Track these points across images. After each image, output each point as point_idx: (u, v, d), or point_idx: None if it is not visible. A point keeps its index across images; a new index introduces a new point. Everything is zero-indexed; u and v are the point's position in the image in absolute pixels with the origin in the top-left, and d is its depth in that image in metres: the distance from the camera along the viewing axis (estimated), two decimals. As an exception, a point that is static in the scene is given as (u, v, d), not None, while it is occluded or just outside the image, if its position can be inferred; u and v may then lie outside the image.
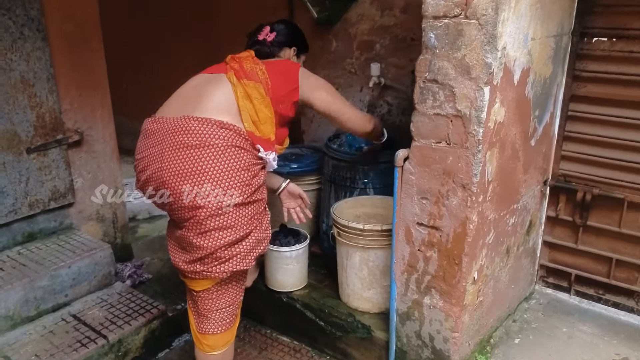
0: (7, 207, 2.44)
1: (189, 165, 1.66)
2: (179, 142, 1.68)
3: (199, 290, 1.83)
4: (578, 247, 2.40)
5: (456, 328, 1.93)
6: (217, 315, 1.87)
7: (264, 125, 1.79)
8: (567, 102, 2.27)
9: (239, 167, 1.70)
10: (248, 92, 1.80)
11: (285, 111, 1.92)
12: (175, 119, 1.72)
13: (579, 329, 2.29)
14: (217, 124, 1.70)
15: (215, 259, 1.71)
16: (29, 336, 2.21)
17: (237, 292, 1.89)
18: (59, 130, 2.57)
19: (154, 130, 1.75)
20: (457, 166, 1.78)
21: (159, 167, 1.70)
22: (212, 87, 1.81)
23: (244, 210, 1.72)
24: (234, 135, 1.71)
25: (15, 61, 2.34)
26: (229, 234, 1.69)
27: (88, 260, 2.48)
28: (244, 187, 1.70)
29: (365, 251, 2.22)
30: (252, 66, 1.88)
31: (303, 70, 2.01)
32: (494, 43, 1.61)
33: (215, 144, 1.68)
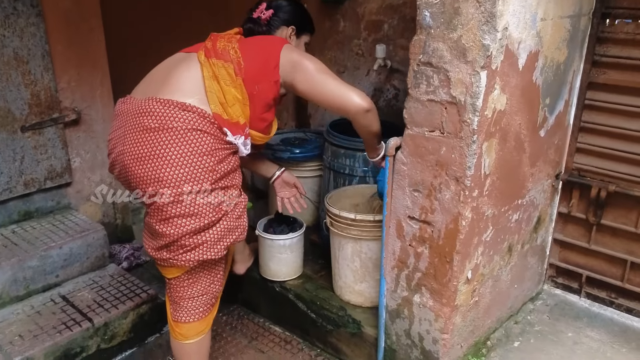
0: (1, 185, 2.42)
1: (148, 148, 1.58)
2: (139, 125, 1.61)
3: (170, 278, 1.78)
4: (591, 247, 2.23)
5: (446, 329, 1.82)
6: (189, 304, 1.80)
7: (232, 107, 1.67)
8: (585, 89, 2.08)
9: (201, 151, 1.59)
10: (215, 73, 1.67)
11: (265, 92, 1.74)
12: (141, 100, 1.65)
13: (586, 335, 2.14)
14: (179, 105, 1.60)
15: (180, 246, 1.64)
16: (15, 316, 2.20)
17: (210, 281, 1.81)
18: (55, 108, 2.53)
19: (121, 112, 1.69)
20: (450, 157, 1.64)
21: (121, 150, 1.64)
22: (181, 67, 1.71)
23: (208, 198, 1.62)
24: (197, 118, 1.60)
25: (8, 37, 2.30)
26: (191, 222, 1.61)
27: (80, 242, 2.45)
28: (207, 172, 1.60)
29: (358, 242, 2.11)
30: (224, 44, 1.74)
31: (288, 47, 1.78)
32: (492, 23, 1.46)
33: (174, 127, 1.58)
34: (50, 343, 2.06)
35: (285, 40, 1.85)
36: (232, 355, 2.31)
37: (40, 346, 2.04)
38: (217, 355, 2.30)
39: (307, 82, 1.72)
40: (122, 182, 1.74)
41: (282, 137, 2.91)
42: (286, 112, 3.24)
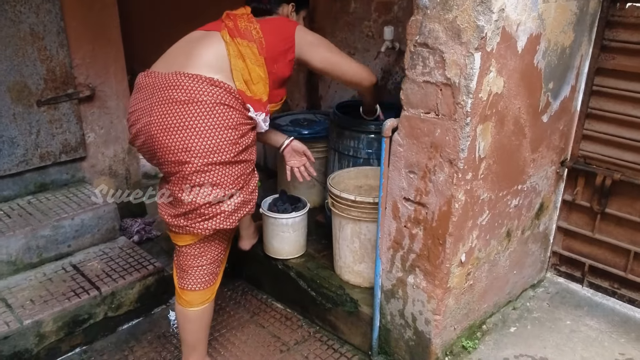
0: (18, 157, 2.52)
1: (177, 120, 1.67)
2: (168, 97, 1.69)
3: (181, 245, 1.85)
4: (594, 236, 2.20)
5: (438, 311, 1.83)
6: (196, 272, 1.88)
7: (256, 85, 1.78)
8: (592, 75, 2.04)
9: (227, 125, 1.69)
10: (241, 51, 1.78)
11: (281, 70, 1.89)
12: (167, 74, 1.72)
13: (585, 324, 2.12)
14: (207, 81, 1.70)
15: (198, 215, 1.73)
16: (28, 282, 2.31)
17: (219, 251, 1.89)
18: (70, 84, 2.60)
19: (145, 85, 1.76)
20: (444, 139, 1.64)
21: (148, 120, 1.72)
22: (205, 44, 1.79)
23: (230, 169, 1.72)
24: (224, 93, 1.70)
25: (24, 13, 2.37)
26: (213, 192, 1.70)
27: (92, 214, 2.54)
28: (231, 145, 1.70)
29: (357, 223, 2.13)
30: (246, 25, 1.85)
31: (300, 27, 1.96)
32: (487, 4, 1.44)
33: (203, 101, 1.67)
34: (59, 308, 2.15)
35: (296, 23, 1.99)
36: (234, 329, 2.38)
37: (50, 311, 2.13)
38: (220, 328, 2.37)
39: (325, 61, 1.98)
40: (145, 152, 1.81)
41: (291, 118, 2.93)
42: (298, 93, 3.26)
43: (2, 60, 2.35)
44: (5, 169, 2.50)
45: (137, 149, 1.86)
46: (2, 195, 2.56)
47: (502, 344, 2.03)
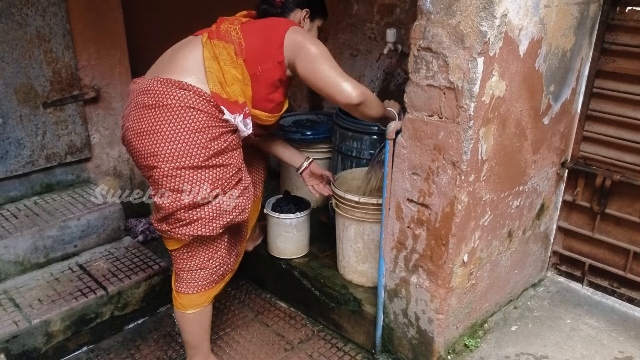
0: (24, 158, 2.55)
1: (146, 124, 1.68)
2: (139, 102, 1.71)
3: (170, 249, 1.88)
4: (594, 236, 2.23)
5: (441, 310, 1.86)
6: (187, 276, 1.89)
7: (230, 87, 1.73)
8: (593, 77, 2.07)
9: (194, 128, 1.65)
10: (215, 53, 1.73)
11: (269, 73, 1.78)
12: (147, 80, 1.75)
13: (584, 322, 2.16)
14: (176, 84, 1.68)
15: (176, 220, 1.73)
16: (36, 282, 2.34)
17: (208, 258, 1.87)
18: (75, 86, 2.63)
19: (131, 91, 1.80)
20: (447, 142, 1.67)
21: (126, 126, 1.75)
22: (186, 48, 1.79)
23: (202, 174, 1.69)
24: (192, 96, 1.66)
25: (30, 16, 2.39)
26: (184, 197, 1.68)
27: (97, 214, 2.57)
28: (200, 149, 1.66)
29: (361, 224, 2.16)
30: (227, 26, 1.81)
31: (295, 28, 1.80)
32: (490, 9, 1.47)
33: (168, 104, 1.66)
34: (66, 308, 2.18)
35: (293, 23, 1.87)
36: (239, 328, 2.41)
37: (57, 310, 2.16)
38: (225, 327, 2.40)
39: (306, 66, 1.76)
40: (130, 156, 1.84)
41: (294, 119, 2.96)
42: (300, 94, 3.29)
43: (9, 62, 2.38)
44: (12, 170, 2.52)
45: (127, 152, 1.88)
46: (9, 196, 2.58)
47: (503, 342, 2.06)
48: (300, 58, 1.75)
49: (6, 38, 2.35)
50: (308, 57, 1.74)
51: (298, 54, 1.75)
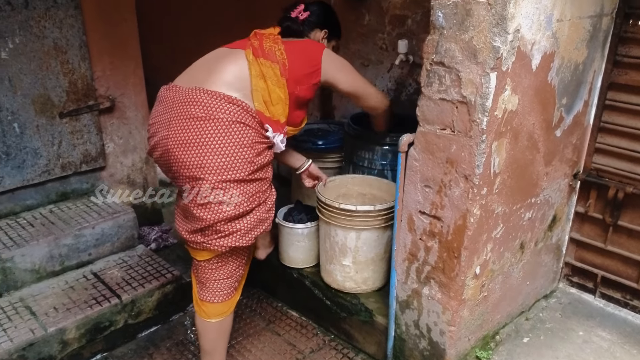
0: (40, 167, 2.59)
1: (193, 136, 1.69)
2: (186, 113, 1.71)
3: (200, 260, 1.89)
4: (607, 248, 2.23)
5: (453, 322, 1.87)
6: (215, 285, 1.92)
7: (275, 106, 1.79)
8: (605, 90, 2.07)
9: (242, 143, 1.70)
10: (263, 72, 1.80)
11: (303, 93, 1.90)
12: (187, 89, 1.75)
13: (597, 334, 2.15)
14: (225, 98, 1.71)
15: (215, 231, 1.75)
16: (51, 289, 2.37)
17: (236, 266, 1.93)
18: (91, 96, 2.67)
19: (166, 98, 1.79)
20: (460, 155, 1.68)
21: (166, 134, 1.75)
22: (227, 61, 1.81)
23: (244, 187, 1.74)
24: (241, 112, 1.72)
25: (48, 28, 2.44)
26: (228, 209, 1.72)
27: (112, 223, 2.60)
28: (246, 164, 1.71)
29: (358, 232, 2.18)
30: (271, 45, 1.87)
31: (327, 51, 1.98)
32: (503, 25, 1.48)
33: (220, 118, 1.69)
34: (81, 316, 2.22)
35: (323, 46, 2.02)
36: (250, 336, 2.42)
37: (73, 318, 2.20)
38: (237, 336, 2.42)
39: (351, 86, 2.05)
40: (161, 164, 1.85)
41: (305, 128, 2.96)
42: (312, 103, 3.30)
43: (27, 74, 2.43)
44: (28, 178, 2.57)
45: (154, 160, 1.89)
46: (26, 205, 2.63)
47: (515, 354, 2.06)
48: (342, 79, 2.01)
49: (24, 50, 2.39)
50: (349, 78, 2.04)
51: (338, 75, 1.99)
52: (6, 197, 2.57)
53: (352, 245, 2.20)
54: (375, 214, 2.13)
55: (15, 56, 2.38)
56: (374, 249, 2.21)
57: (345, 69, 2.02)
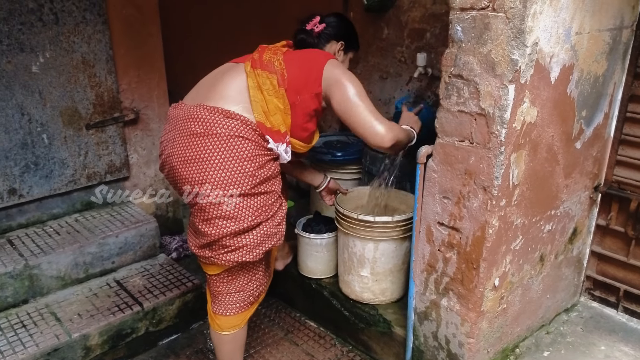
0: (67, 177, 2.67)
1: (194, 152, 1.70)
2: (187, 130, 1.73)
3: (211, 274, 1.91)
4: (629, 261, 2.20)
5: (471, 334, 1.86)
6: (226, 298, 1.93)
7: (273, 116, 1.77)
8: (626, 102, 2.06)
9: (242, 157, 1.69)
10: (259, 83, 1.78)
11: (306, 103, 1.82)
12: (190, 106, 1.77)
13: (619, 349, 2.11)
14: (223, 113, 1.71)
15: (222, 246, 1.76)
16: (75, 296, 2.43)
17: (247, 280, 1.92)
18: (116, 108, 2.75)
19: (173, 116, 1.82)
20: (478, 167, 1.69)
21: (170, 152, 1.77)
22: (228, 76, 1.82)
23: (248, 202, 1.72)
24: (240, 125, 1.70)
25: (77, 43, 2.53)
26: (231, 224, 1.71)
27: (134, 232, 2.66)
28: (247, 177, 1.70)
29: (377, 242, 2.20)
30: (270, 56, 1.85)
31: (334, 62, 1.85)
32: (521, 38, 1.50)
33: (219, 133, 1.69)
34: (104, 323, 2.26)
35: (331, 56, 1.91)
36: (269, 346, 2.44)
37: (96, 325, 2.24)
38: (255, 345, 2.44)
39: (341, 103, 1.78)
40: (170, 181, 1.88)
41: (324, 140, 3.01)
42: (330, 115, 3.34)
43: (56, 87, 2.51)
44: (55, 188, 2.64)
45: (165, 177, 1.91)
46: (52, 213, 2.70)
47: (535, 368, 2.04)
48: (336, 93, 1.78)
49: (54, 64, 2.48)
50: (344, 94, 1.77)
51: (334, 88, 1.78)
52: (34, 205, 2.65)
53: (370, 256, 2.21)
54: (394, 225, 2.14)
55: (46, 70, 2.47)
56: (392, 260, 2.22)
57: (344, 85, 1.77)
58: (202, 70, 1.98)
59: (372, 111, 1.78)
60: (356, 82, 1.81)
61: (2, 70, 2.36)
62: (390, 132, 1.78)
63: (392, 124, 1.83)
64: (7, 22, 2.32)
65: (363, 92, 1.80)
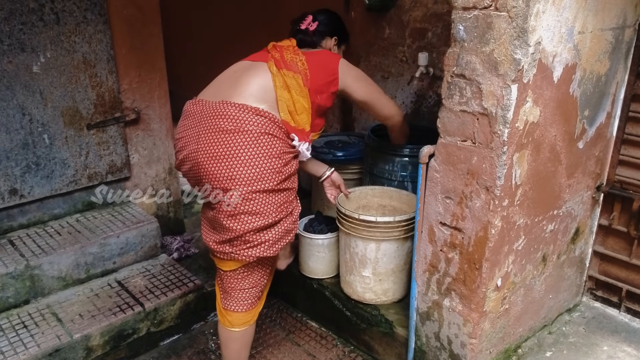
0: (68, 177, 2.66)
1: (223, 148, 1.73)
2: (215, 126, 1.75)
3: (226, 270, 1.92)
4: (632, 261, 2.19)
5: (474, 334, 1.86)
6: (240, 295, 1.94)
7: (300, 115, 1.84)
8: (629, 101, 2.05)
9: (271, 154, 1.74)
10: (287, 83, 1.84)
11: (324, 101, 1.95)
12: (214, 102, 1.79)
13: (622, 350, 2.11)
14: (253, 110, 1.76)
15: (244, 242, 1.78)
16: (77, 297, 2.42)
17: (261, 276, 1.95)
18: (117, 108, 2.74)
19: (193, 112, 1.83)
20: (481, 167, 1.68)
21: (195, 148, 1.78)
22: (251, 74, 1.85)
23: (273, 198, 1.77)
24: (269, 123, 1.76)
25: (78, 43, 2.53)
26: (257, 220, 1.75)
27: (136, 232, 2.65)
28: (275, 174, 1.74)
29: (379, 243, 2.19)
30: (292, 56, 1.92)
31: (343, 61, 2.05)
32: (524, 38, 1.49)
33: (249, 130, 1.73)
34: (106, 323, 2.26)
35: (339, 57, 2.08)
36: (270, 346, 2.44)
37: (97, 326, 2.24)
38: (257, 346, 2.44)
39: (365, 95, 2.09)
40: (190, 177, 1.89)
41: (326, 140, 3.01)
42: (332, 115, 3.34)
43: (57, 87, 2.51)
44: (56, 188, 2.64)
45: (183, 174, 1.92)
46: (53, 214, 2.70)
47: (538, 368, 2.04)
48: (359, 88, 2.06)
49: (55, 64, 2.48)
50: (366, 88, 2.10)
51: (355, 84, 2.04)
52: (35, 206, 2.64)
53: (371, 256, 2.20)
54: (395, 225, 2.14)
55: (47, 70, 2.47)
56: (394, 260, 2.21)
57: (360, 78, 2.09)
58: (203, 70, 1.99)
59: (384, 95, 2.21)
60: (367, 76, 2.13)
61: (3, 71, 2.35)
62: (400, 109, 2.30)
63: None
64: (8, 22, 2.31)
65: (374, 83, 2.17)
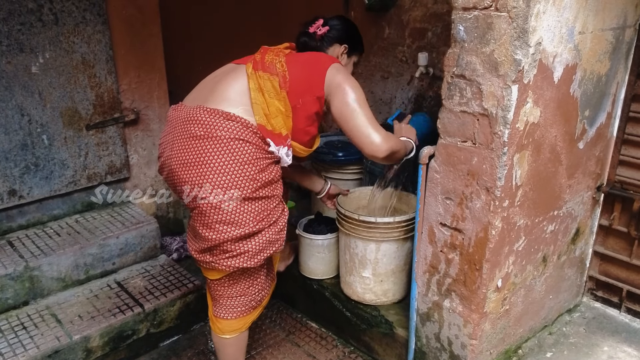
0: (67, 178, 2.66)
1: (194, 155, 1.66)
2: (187, 132, 1.69)
3: (211, 279, 1.89)
4: (632, 262, 2.19)
5: (474, 335, 1.85)
6: (228, 302, 1.91)
7: (274, 119, 1.73)
8: (629, 101, 2.05)
9: (243, 160, 1.65)
10: (260, 85, 1.74)
11: (307, 106, 1.77)
12: (190, 108, 1.74)
13: (622, 350, 2.11)
14: (223, 115, 1.67)
15: (223, 251, 1.73)
16: (76, 298, 2.42)
17: (249, 285, 1.89)
18: (116, 109, 2.74)
19: (172, 118, 1.79)
20: (481, 168, 1.68)
21: (169, 155, 1.74)
22: (230, 77, 1.79)
23: (249, 206, 1.69)
24: (240, 128, 1.67)
25: (77, 44, 2.52)
26: (232, 229, 1.68)
27: (135, 233, 2.65)
28: (248, 181, 1.66)
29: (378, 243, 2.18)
30: (272, 58, 1.81)
31: (336, 66, 1.81)
32: (524, 38, 1.49)
33: (219, 136, 1.65)
34: (105, 325, 2.25)
35: (335, 60, 1.87)
36: (270, 347, 2.43)
37: (97, 327, 2.23)
38: (257, 346, 2.43)
39: (340, 107, 1.76)
40: (169, 184, 1.85)
41: (326, 140, 3.00)
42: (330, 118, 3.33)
43: (56, 87, 2.50)
44: (55, 189, 2.63)
45: (164, 179, 1.88)
46: (53, 214, 2.69)
47: (538, 369, 2.03)
48: (337, 98, 1.76)
49: (54, 65, 2.47)
50: (344, 99, 1.75)
51: (336, 92, 1.76)
52: (34, 206, 2.64)
53: (371, 257, 2.20)
54: (395, 226, 2.13)
55: (45, 70, 2.46)
56: (394, 260, 2.21)
57: (344, 91, 1.75)
58: (203, 70, 1.97)
59: (370, 119, 1.75)
60: (357, 88, 1.79)
61: (2, 71, 2.35)
62: (386, 142, 1.76)
63: (389, 135, 1.80)
64: (7, 22, 2.31)
65: (363, 99, 1.77)
